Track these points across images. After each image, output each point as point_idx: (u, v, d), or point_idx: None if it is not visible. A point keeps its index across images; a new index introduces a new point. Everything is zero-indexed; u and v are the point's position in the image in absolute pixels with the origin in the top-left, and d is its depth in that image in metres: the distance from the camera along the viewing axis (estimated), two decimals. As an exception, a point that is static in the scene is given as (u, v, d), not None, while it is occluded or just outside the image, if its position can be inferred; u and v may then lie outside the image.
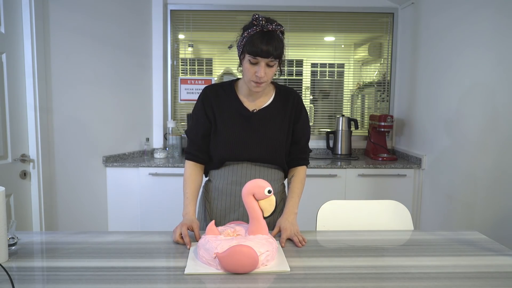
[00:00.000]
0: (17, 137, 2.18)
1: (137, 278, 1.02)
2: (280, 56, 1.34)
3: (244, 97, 1.48)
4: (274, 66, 1.35)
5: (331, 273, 1.06)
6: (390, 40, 3.30)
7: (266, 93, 1.50)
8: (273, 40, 1.30)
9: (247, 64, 1.34)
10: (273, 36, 1.31)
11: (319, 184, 2.81)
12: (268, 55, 1.30)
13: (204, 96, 1.50)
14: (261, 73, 1.32)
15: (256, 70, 1.33)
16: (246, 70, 1.36)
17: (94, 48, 2.63)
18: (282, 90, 1.53)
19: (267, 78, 1.35)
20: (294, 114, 1.51)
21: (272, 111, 1.48)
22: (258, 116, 1.46)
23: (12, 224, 1.20)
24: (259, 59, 1.31)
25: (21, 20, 2.16)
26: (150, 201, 2.78)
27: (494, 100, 2.05)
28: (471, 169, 2.23)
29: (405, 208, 1.61)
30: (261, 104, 1.48)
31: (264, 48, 1.29)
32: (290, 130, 1.51)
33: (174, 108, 3.30)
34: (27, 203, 2.26)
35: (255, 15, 1.32)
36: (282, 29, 1.35)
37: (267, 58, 1.31)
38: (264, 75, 1.33)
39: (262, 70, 1.32)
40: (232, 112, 1.46)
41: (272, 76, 1.38)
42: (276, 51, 1.30)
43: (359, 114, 3.45)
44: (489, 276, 1.06)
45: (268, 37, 1.30)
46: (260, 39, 1.29)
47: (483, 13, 2.12)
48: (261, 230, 1.16)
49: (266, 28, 1.31)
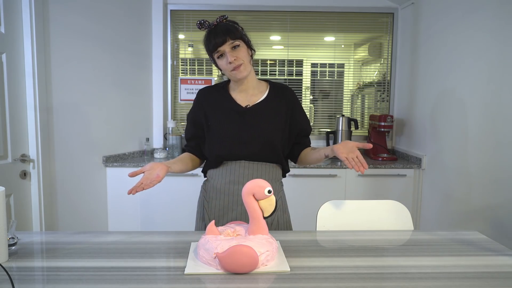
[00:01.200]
0: (17, 137, 2.18)
1: (137, 278, 1.02)
2: (238, 36, 1.39)
3: (237, 94, 1.51)
4: (241, 47, 1.40)
5: (331, 273, 1.06)
6: (390, 40, 3.30)
7: (259, 90, 1.52)
8: (221, 28, 1.38)
9: (219, 62, 1.42)
10: (220, 26, 1.39)
11: (319, 184, 2.81)
12: (223, 41, 1.36)
13: (198, 98, 1.55)
14: (231, 58, 1.38)
15: (226, 60, 1.38)
16: (221, 67, 1.43)
17: (94, 48, 2.63)
18: (275, 87, 1.55)
19: (240, 60, 1.40)
20: (291, 108, 1.53)
21: (266, 106, 1.49)
22: (252, 111, 1.48)
23: (12, 224, 1.20)
24: (219, 49, 1.38)
25: (21, 20, 2.16)
26: (150, 201, 2.78)
27: (494, 100, 2.05)
28: (471, 169, 2.23)
29: (405, 208, 1.61)
30: (255, 100, 1.50)
31: (216, 38, 1.37)
32: (286, 127, 1.52)
33: (174, 108, 3.30)
34: (27, 203, 2.26)
35: (197, 23, 1.41)
36: (226, 17, 1.42)
37: (225, 44, 1.37)
38: (235, 57, 1.38)
39: (230, 55, 1.37)
40: (225, 110, 1.49)
41: (246, 57, 1.42)
42: (228, 33, 1.37)
43: (359, 114, 3.45)
44: (489, 276, 1.06)
45: (216, 29, 1.39)
46: (211, 35, 1.39)
47: (483, 13, 2.12)
48: (261, 230, 1.16)
49: (212, 25, 1.40)
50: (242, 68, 1.40)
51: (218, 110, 1.49)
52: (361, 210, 1.63)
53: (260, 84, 1.54)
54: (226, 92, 1.51)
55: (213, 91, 1.53)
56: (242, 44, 1.40)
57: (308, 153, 1.57)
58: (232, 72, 1.41)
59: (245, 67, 1.41)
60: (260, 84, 1.54)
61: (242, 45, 1.40)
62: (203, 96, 1.54)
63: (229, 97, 1.50)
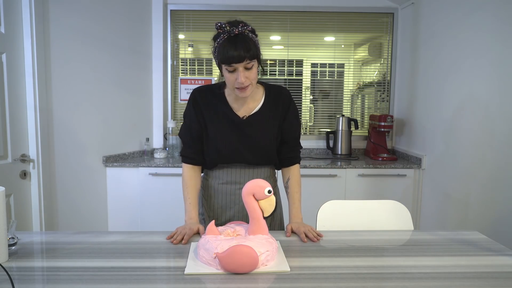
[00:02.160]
0: (17, 137, 2.18)
1: (137, 278, 1.02)
2: (255, 56, 1.29)
3: (233, 102, 1.46)
4: (253, 67, 1.31)
5: (331, 273, 1.06)
6: (390, 40, 3.30)
7: (255, 97, 1.46)
8: (242, 43, 1.26)
9: (226, 73, 1.31)
10: (241, 39, 1.27)
11: (319, 184, 2.81)
12: (241, 59, 1.26)
13: (194, 101, 1.48)
14: (241, 78, 1.29)
15: (236, 77, 1.29)
16: (227, 79, 1.34)
17: (94, 48, 2.63)
18: (272, 92, 1.49)
19: (249, 81, 1.32)
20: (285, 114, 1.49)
21: (263, 116, 1.46)
22: (249, 123, 1.45)
23: (12, 224, 1.20)
24: (234, 65, 1.27)
25: (21, 20, 2.16)
26: (150, 201, 2.78)
27: (493, 100, 2.05)
28: (471, 169, 2.23)
29: (405, 208, 1.61)
30: (252, 109, 1.46)
31: (235, 54, 1.25)
32: (279, 131, 1.51)
33: (174, 108, 3.30)
34: (27, 203, 2.26)
35: (217, 23, 1.29)
36: (249, 28, 1.31)
37: (241, 62, 1.27)
38: (245, 79, 1.30)
39: (241, 75, 1.28)
40: (222, 118, 1.45)
41: (256, 78, 1.35)
42: (248, 52, 1.26)
43: (359, 114, 3.45)
44: (489, 276, 1.06)
45: (236, 41, 1.26)
46: (229, 46, 1.26)
47: (483, 13, 2.12)
48: (261, 230, 1.16)
49: (233, 33, 1.27)
50: (248, 88, 1.33)
51: (215, 118, 1.46)
52: (361, 210, 1.63)
53: (257, 89, 1.48)
54: (222, 97, 1.46)
55: (209, 94, 1.48)
56: (255, 63, 1.32)
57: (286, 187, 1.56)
58: (236, 90, 1.34)
59: (251, 88, 1.34)
60: (257, 89, 1.48)
61: (255, 65, 1.32)
62: (199, 97, 1.48)
63: (227, 105, 1.45)
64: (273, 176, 1.61)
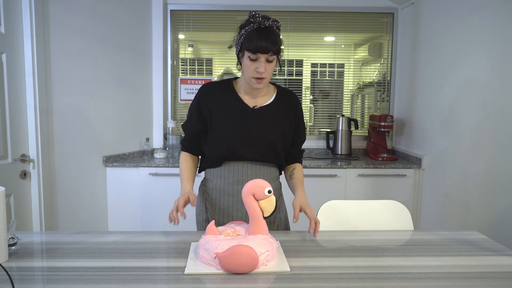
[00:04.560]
0: (17, 137, 2.18)
1: (137, 278, 1.02)
2: (279, 51, 1.37)
3: (244, 94, 1.48)
4: (273, 62, 1.38)
5: (331, 273, 1.07)
6: (390, 40, 3.30)
7: (266, 92, 1.50)
8: (271, 36, 1.33)
9: (247, 61, 1.36)
10: (271, 32, 1.34)
11: (319, 184, 2.81)
12: (267, 50, 1.32)
13: (201, 94, 1.50)
14: (262, 68, 1.34)
15: (257, 66, 1.35)
16: (246, 67, 1.38)
17: (94, 48, 2.63)
18: (283, 92, 1.54)
19: (267, 74, 1.37)
20: (295, 118, 1.54)
21: (273, 110, 1.49)
22: (259, 113, 1.46)
23: (12, 224, 1.20)
24: (258, 55, 1.33)
25: (21, 20, 2.16)
26: (150, 201, 2.78)
27: (494, 100, 2.05)
28: (471, 169, 2.23)
29: (405, 208, 1.61)
30: (262, 103, 1.49)
31: (263, 44, 1.31)
32: (291, 132, 1.53)
33: (174, 108, 3.30)
34: (27, 203, 2.26)
35: (251, 12, 1.35)
36: (278, 25, 1.39)
37: (266, 54, 1.32)
38: (265, 70, 1.35)
39: (263, 65, 1.34)
40: (231, 109, 1.46)
41: (272, 72, 1.40)
42: (275, 46, 1.33)
43: (359, 114, 3.45)
44: (489, 276, 1.06)
45: (266, 33, 1.33)
46: (258, 35, 1.32)
47: (483, 13, 2.12)
48: (261, 230, 1.16)
49: (263, 25, 1.34)
50: (264, 81, 1.39)
51: (223, 108, 1.46)
52: (361, 210, 1.63)
53: (268, 87, 1.51)
54: (233, 91, 1.48)
55: (218, 88, 1.50)
56: (275, 59, 1.38)
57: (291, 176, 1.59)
58: (253, 80, 1.38)
59: (266, 81, 1.40)
60: (268, 87, 1.52)
61: (275, 60, 1.38)
62: (207, 92, 1.49)
63: (237, 96, 1.47)
64: (278, 178, 1.59)
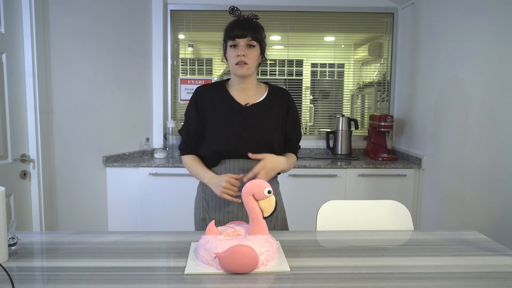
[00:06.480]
0: (17, 137, 2.18)
1: (137, 278, 1.02)
2: (259, 38, 1.44)
3: (236, 93, 1.52)
4: (255, 49, 1.44)
5: (331, 273, 1.06)
6: (390, 40, 3.30)
7: (258, 91, 1.54)
8: (248, 23, 1.43)
9: (230, 52, 1.45)
10: (249, 22, 1.44)
11: (319, 184, 2.81)
12: (245, 35, 1.41)
13: (197, 94, 1.55)
14: (241, 51, 1.41)
15: (237, 53, 1.42)
16: (229, 56, 1.46)
17: (94, 48, 2.63)
18: (274, 89, 1.58)
19: (249, 60, 1.43)
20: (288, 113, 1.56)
21: (265, 106, 1.51)
22: (251, 110, 1.49)
23: (12, 224, 1.20)
24: (237, 40, 1.42)
25: (21, 20, 2.16)
26: (150, 201, 2.78)
27: (494, 100, 2.05)
28: (471, 169, 2.23)
29: (405, 208, 1.61)
30: (254, 100, 1.52)
31: (240, 29, 1.41)
32: (283, 128, 1.55)
33: (174, 108, 3.30)
34: (27, 203, 2.26)
35: (231, 7, 1.44)
36: (257, 18, 1.48)
37: (245, 38, 1.41)
38: (245, 54, 1.41)
39: (242, 49, 1.41)
40: (225, 108, 1.50)
41: (256, 61, 1.46)
42: (253, 30, 1.42)
43: (359, 114, 3.45)
44: (489, 276, 1.06)
45: (244, 22, 1.43)
46: (236, 25, 1.43)
47: (483, 13, 2.12)
48: (261, 230, 1.16)
49: (242, 17, 1.45)
50: (245, 67, 1.44)
51: (217, 108, 1.50)
52: (361, 210, 1.63)
53: (259, 86, 1.57)
54: (225, 91, 1.53)
55: (212, 89, 1.54)
56: (257, 47, 1.45)
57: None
58: (235, 66, 1.44)
59: (248, 68, 1.44)
60: (260, 86, 1.57)
61: (256, 48, 1.45)
62: (203, 92, 1.54)
63: (228, 95, 1.52)
64: (276, 177, 1.60)
